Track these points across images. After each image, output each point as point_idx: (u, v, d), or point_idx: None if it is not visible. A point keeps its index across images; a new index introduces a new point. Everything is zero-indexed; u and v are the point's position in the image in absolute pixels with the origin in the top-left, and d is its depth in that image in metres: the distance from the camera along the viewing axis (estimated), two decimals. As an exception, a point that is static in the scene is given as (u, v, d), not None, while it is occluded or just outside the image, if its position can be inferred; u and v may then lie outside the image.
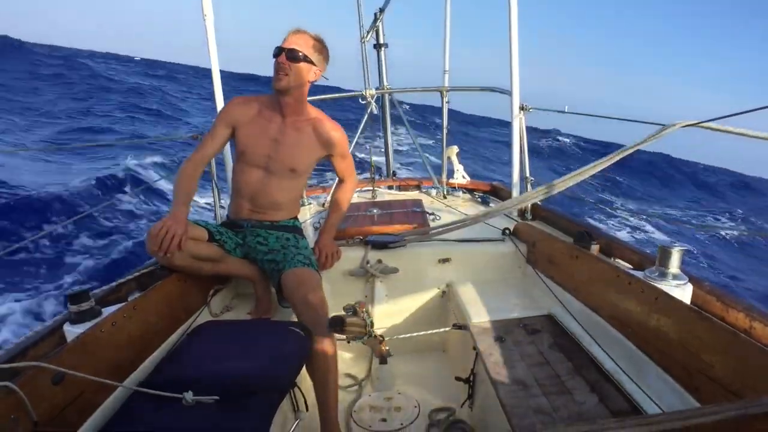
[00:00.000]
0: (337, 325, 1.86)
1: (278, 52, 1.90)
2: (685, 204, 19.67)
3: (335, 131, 2.09)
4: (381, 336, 2.10)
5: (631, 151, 1.91)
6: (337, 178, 2.34)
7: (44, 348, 1.45)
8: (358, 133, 3.55)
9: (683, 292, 1.46)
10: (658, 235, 12.09)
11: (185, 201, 1.91)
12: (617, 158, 1.91)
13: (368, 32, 3.75)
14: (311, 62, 1.94)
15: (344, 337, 1.95)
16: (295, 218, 2.22)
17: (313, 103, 2.12)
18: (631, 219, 12.91)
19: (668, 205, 18.48)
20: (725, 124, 1.82)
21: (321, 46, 1.98)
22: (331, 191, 2.37)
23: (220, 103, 2.64)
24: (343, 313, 1.91)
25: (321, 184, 3.81)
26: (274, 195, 2.08)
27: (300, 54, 1.90)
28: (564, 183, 2.03)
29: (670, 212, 16.85)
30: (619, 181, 19.61)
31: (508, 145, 2.72)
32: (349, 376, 2.28)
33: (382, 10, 3.72)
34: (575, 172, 2.00)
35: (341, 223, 2.70)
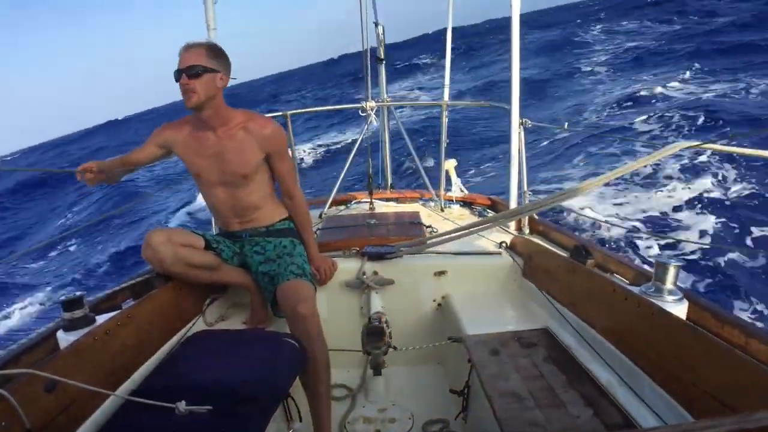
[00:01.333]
0: (376, 335, 1.90)
1: (178, 75, 1.85)
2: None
3: (267, 127, 2.01)
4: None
5: (631, 169, 1.93)
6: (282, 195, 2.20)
7: (37, 355, 1.44)
8: (357, 145, 3.57)
9: (679, 308, 1.46)
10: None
11: (111, 162, 2.01)
12: (616, 175, 1.94)
13: (379, 47, 3.79)
14: (213, 70, 1.88)
15: (360, 349, 1.99)
16: (288, 218, 2.19)
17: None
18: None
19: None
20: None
21: (216, 52, 1.92)
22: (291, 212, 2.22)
23: None
24: (379, 325, 1.95)
25: (318, 196, 3.81)
26: (248, 201, 2.06)
27: (199, 68, 1.84)
28: (560, 198, 2.05)
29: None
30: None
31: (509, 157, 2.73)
32: (343, 387, 2.27)
33: (377, 24, 3.76)
34: (573, 188, 2.01)
35: (338, 234, 2.72)
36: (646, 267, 1.84)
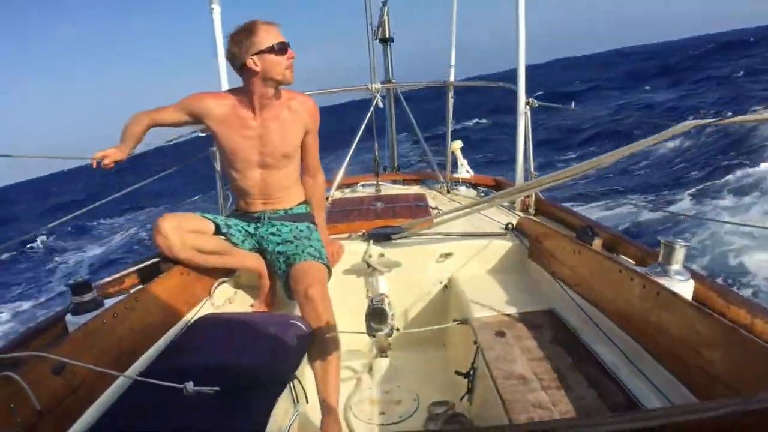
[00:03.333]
0: (379, 316, 1.93)
1: (284, 47, 1.84)
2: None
3: (307, 102, 2.06)
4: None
5: (637, 148, 1.89)
6: (303, 171, 2.22)
7: (46, 338, 1.46)
8: (362, 127, 3.55)
9: (685, 288, 1.45)
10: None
11: (128, 139, 1.92)
12: (621, 155, 1.90)
13: (378, 28, 3.74)
14: None
15: (363, 330, 2.01)
16: (306, 203, 2.21)
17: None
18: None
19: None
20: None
21: None
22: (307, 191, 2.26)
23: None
24: (381, 306, 1.98)
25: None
26: (280, 182, 2.08)
27: None
28: (566, 175, 2.01)
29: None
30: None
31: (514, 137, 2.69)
32: (349, 369, 2.29)
33: (384, 3, 3.71)
34: (579, 165, 1.98)
35: (344, 217, 2.71)
36: (653, 247, 1.82)
